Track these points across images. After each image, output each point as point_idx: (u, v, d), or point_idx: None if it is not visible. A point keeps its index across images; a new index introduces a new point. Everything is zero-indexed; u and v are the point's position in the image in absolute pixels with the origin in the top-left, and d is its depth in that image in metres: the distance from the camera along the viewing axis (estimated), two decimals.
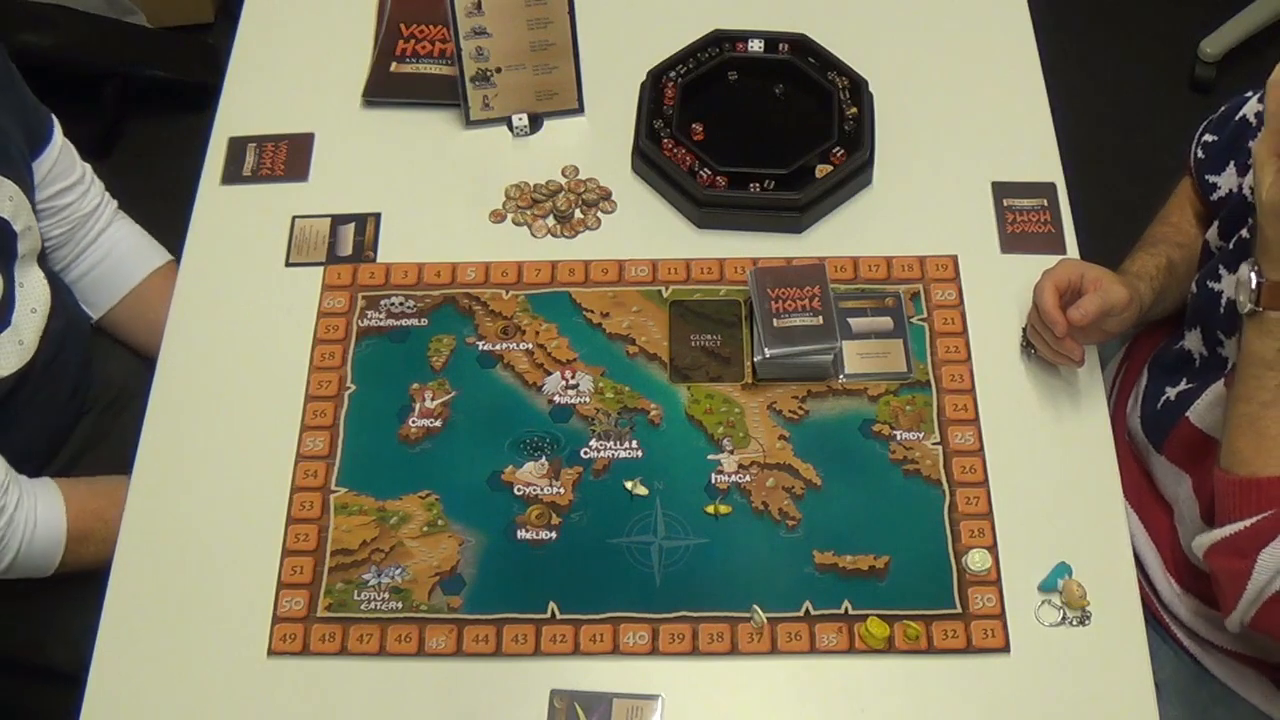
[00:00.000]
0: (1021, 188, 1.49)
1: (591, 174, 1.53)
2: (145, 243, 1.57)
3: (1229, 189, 1.34)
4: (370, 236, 1.48)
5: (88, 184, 1.51)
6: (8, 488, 1.30)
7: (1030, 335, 1.35)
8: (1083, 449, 1.32)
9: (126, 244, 1.55)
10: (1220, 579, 1.17)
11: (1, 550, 1.31)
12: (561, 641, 1.22)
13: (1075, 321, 1.26)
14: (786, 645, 1.22)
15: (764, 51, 1.57)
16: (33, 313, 1.38)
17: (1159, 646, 1.35)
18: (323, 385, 1.38)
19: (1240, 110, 1.35)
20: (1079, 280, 1.29)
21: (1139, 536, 1.38)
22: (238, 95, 1.60)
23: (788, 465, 1.32)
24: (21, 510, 1.31)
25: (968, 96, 1.57)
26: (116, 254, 1.53)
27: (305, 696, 1.21)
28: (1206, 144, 1.39)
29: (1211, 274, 1.29)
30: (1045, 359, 1.35)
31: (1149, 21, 2.72)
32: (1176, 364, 1.35)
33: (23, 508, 1.31)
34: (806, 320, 1.35)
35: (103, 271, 1.53)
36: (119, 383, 1.57)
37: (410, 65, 1.61)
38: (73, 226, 1.49)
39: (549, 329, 1.41)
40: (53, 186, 1.45)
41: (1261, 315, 1.15)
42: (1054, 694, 1.20)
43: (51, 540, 1.34)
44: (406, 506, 1.30)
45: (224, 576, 1.27)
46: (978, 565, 1.25)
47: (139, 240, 1.56)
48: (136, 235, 1.57)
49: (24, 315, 1.37)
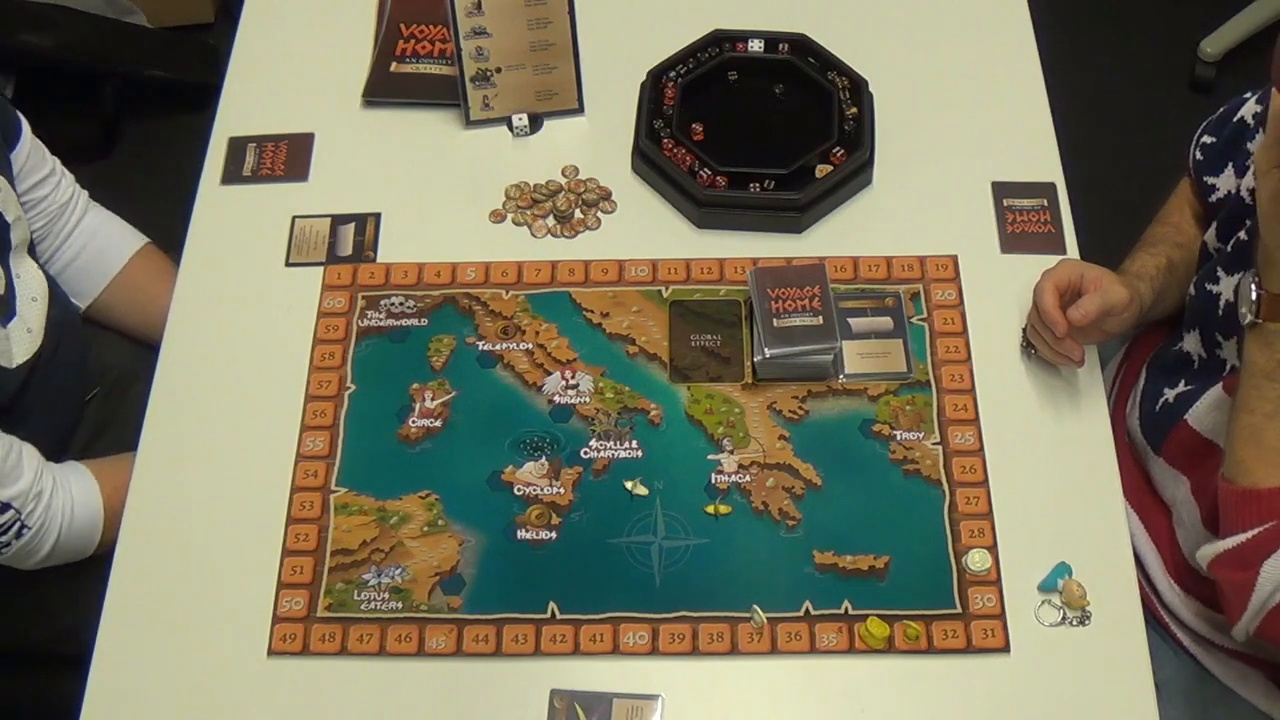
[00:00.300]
0: (1021, 188, 1.49)
1: (591, 174, 1.53)
2: (121, 228, 1.59)
3: (1227, 190, 1.34)
4: (370, 236, 1.48)
5: (59, 175, 1.52)
6: (42, 474, 1.32)
7: (1030, 335, 1.35)
8: (1083, 449, 1.32)
9: (104, 231, 1.57)
10: (1225, 590, 1.18)
11: (42, 535, 1.32)
12: (561, 641, 1.22)
13: (1075, 322, 1.26)
14: (786, 645, 1.22)
15: (764, 51, 1.57)
16: (34, 301, 1.40)
17: (1159, 646, 1.35)
18: (323, 385, 1.38)
19: (1239, 112, 1.35)
20: (1079, 280, 1.29)
21: (1139, 536, 1.38)
22: (238, 95, 1.60)
23: (788, 465, 1.32)
24: (58, 495, 1.34)
25: (968, 96, 1.57)
26: (96, 242, 1.55)
27: (305, 696, 1.21)
28: (1205, 145, 1.39)
29: (1210, 276, 1.29)
30: (1045, 359, 1.35)
31: (1149, 21, 2.72)
32: (1175, 365, 1.35)
33: (59, 493, 1.34)
34: (806, 320, 1.35)
35: (85, 260, 1.54)
36: (117, 366, 1.59)
37: (410, 65, 1.61)
38: (50, 219, 1.50)
39: (549, 329, 1.41)
40: (29, 180, 1.46)
41: (1262, 327, 1.15)
42: (1054, 694, 1.20)
43: (90, 520, 1.37)
44: (406, 506, 1.30)
45: (224, 576, 1.27)
46: (978, 565, 1.25)
47: (115, 226, 1.58)
48: (112, 222, 1.59)
49: (27, 304, 1.39)
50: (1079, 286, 1.29)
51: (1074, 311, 1.26)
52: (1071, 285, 1.29)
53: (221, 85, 1.62)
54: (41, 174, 1.48)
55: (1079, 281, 1.29)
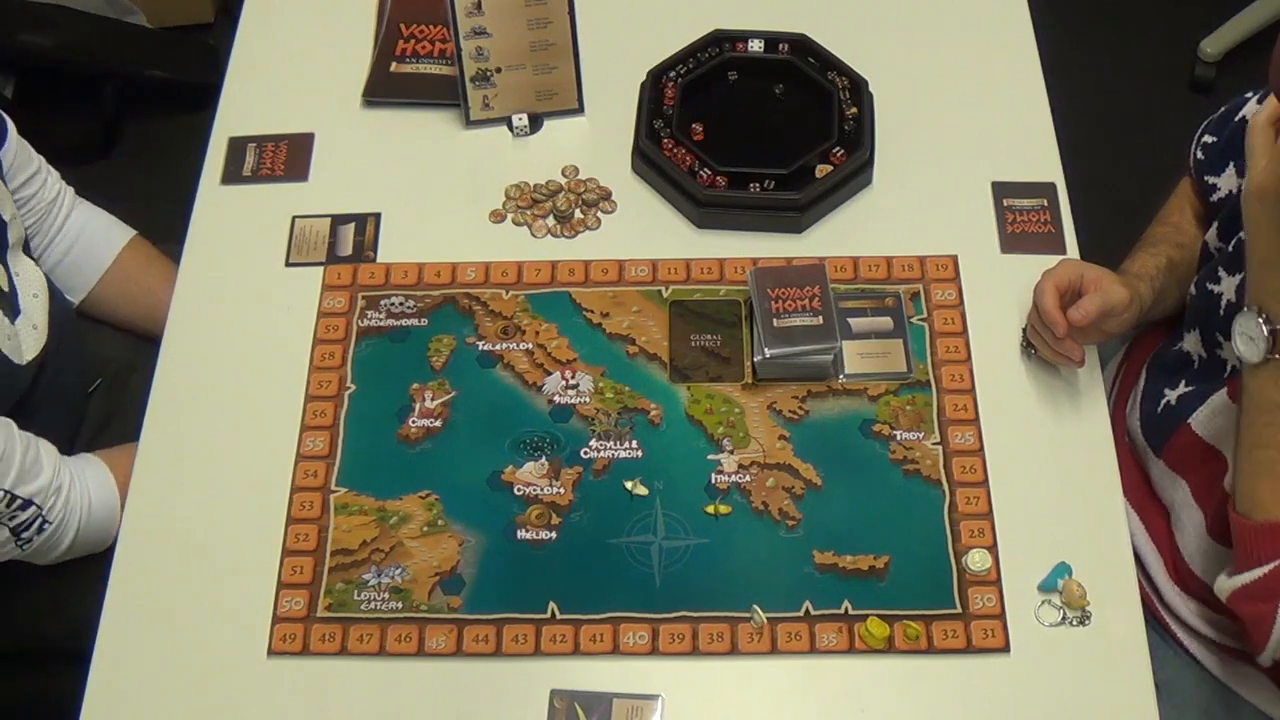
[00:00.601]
0: (1021, 188, 1.49)
1: (591, 174, 1.53)
2: (109, 222, 1.60)
3: (1228, 190, 1.34)
4: (370, 236, 1.48)
5: (45, 173, 1.53)
6: (59, 469, 1.33)
7: (1030, 336, 1.35)
8: (1083, 449, 1.32)
9: (93, 226, 1.57)
10: (1245, 622, 1.18)
11: (63, 529, 1.33)
12: (561, 641, 1.22)
13: (1075, 322, 1.26)
14: (786, 645, 1.22)
15: (764, 51, 1.57)
16: (35, 298, 1.41)
17: (1159, 646, 1.35)
18: (323, 385, 1.38)
19: (1240, 111, 1.35)
20: (1079, 280, 1.29)
21: (1139, 536, 1.38)
22: (238, 95, 1.60)
23: (788, 465, 1.32)
24: (75, 488, 1.34)
25: (968, 96, 1.57)
26: (85, 237, 1.56)
27: (305, 696, 1.21)
28: (1206, 145, 1.39)
29: (1211, 276, 1.29)
30: (1045, 359, 1.35)
31: (1149, 21, 2.72)
32: (1175, 365, 1.35)
33: (76, 485, 1.34)
34: (806, 320, 1.35)
35: (76, 256, 1.55)
36: (115, 359, 1.60)
37: (410, 65, 1.61)
38: (39, 216, 1.51)
39: (549, 329, 1.41)
40: (17, 178, 1.47)
41: (1275, 363, 1.13)
42: (1054, 694, 1.20)
43: (108, 511, 1.37)
44: (406, 506, 1.30)
45: (224, 576, 1.27)
46: (978, 565, 1.25)
47: (103, 220, 1.59)
48: (100, 216, 1.59)
49: (29, 301, 1.40)
50: (1079, 287, 1.29)
51: (1074, 312, 1.26)
52: (1071, 285, 1.29)
53: (221, 85, 1.62)
54: (29, 172, 1.49)
55: (1079, 282, 1.29)
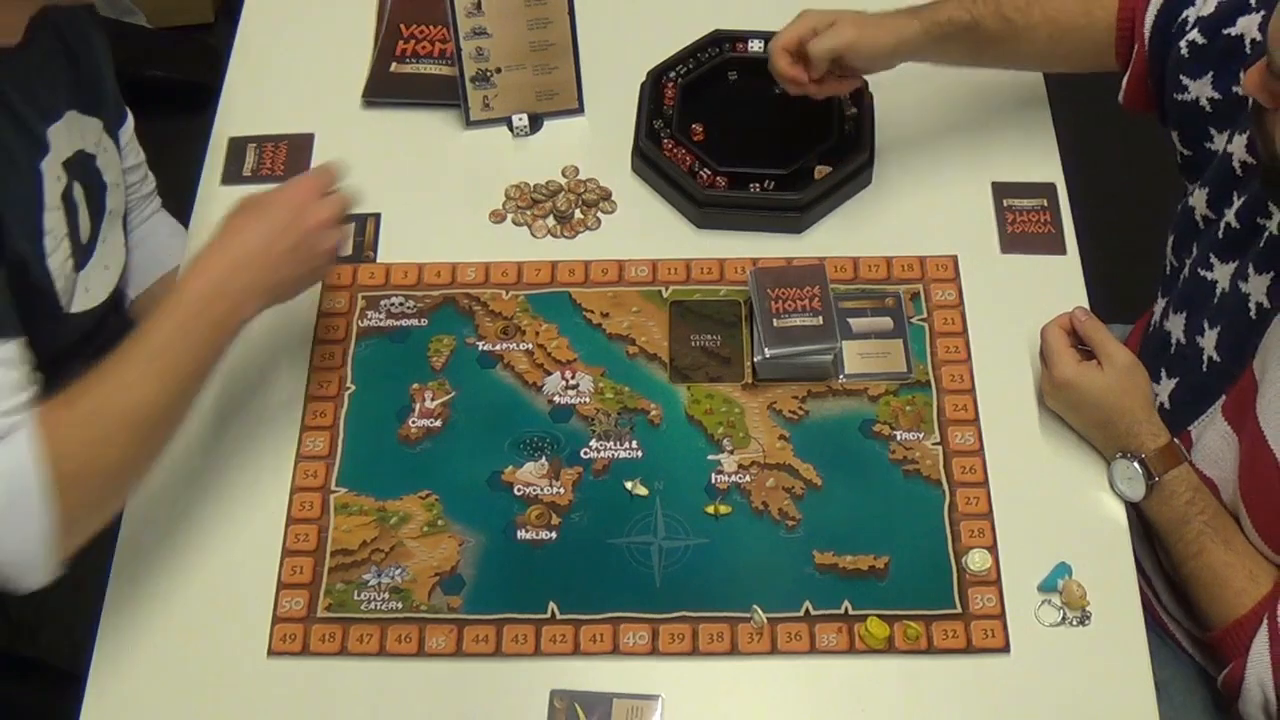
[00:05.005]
0: (1021, 188, 1.49)
1: (591, 174, 1.53)
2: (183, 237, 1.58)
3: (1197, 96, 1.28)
4: (370, 236, 1.48)
5: (146, 171, 1.55)
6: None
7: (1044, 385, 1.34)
8: (1083, 449, 1.32)
9: (166, 231, 1.58)
10: None
11: None
12: (561, 641, 1.22)
13: (811, 72, 1.35)
14: (786, 645, 1.22)
15: (764, 51, 1.56)
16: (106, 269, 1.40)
17: (1159, 646, 1.35)
18: (323, 385, 1.38)
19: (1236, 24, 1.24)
20: (810, 34, 1.34)
21: (1139, 536, 1.38)
22: (238, 95, 1.60)
23: (788, 465, 1.32)
24: None
25: (968, 96, 1.57)
26: (155, 240, 1.56)
27: (305, 696, 1.21)
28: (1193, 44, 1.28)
29: (1203, 261, 1.28)
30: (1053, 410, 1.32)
31: None
32: (1158, 349, 1.35)
33: None
34: (806, 320, 1.35)
35: (143, 255, 1.55)
36: None
37: (410, 65, 1.61)
38: (130, 207, 1.52)
39: (549, 329, 1.41)
40: (127, 161, 1.48)
41: (1159, 483, 1.22)
42: (1054, 694, 1.20)
43: None
44: (406, 506, 1.30)
45: (224, 576, 1.27)
46: (978, 565, 1.25)
47: (177, 232, 1.59)
48: (176, 227, 1.60)
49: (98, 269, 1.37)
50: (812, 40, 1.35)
51: (810, 49, 1.33)
52: (803, 40, 1.34)
53: (221, 85, 1.62)
54: (136, 160, 1.52)
55: (810, 35, 1.34)
